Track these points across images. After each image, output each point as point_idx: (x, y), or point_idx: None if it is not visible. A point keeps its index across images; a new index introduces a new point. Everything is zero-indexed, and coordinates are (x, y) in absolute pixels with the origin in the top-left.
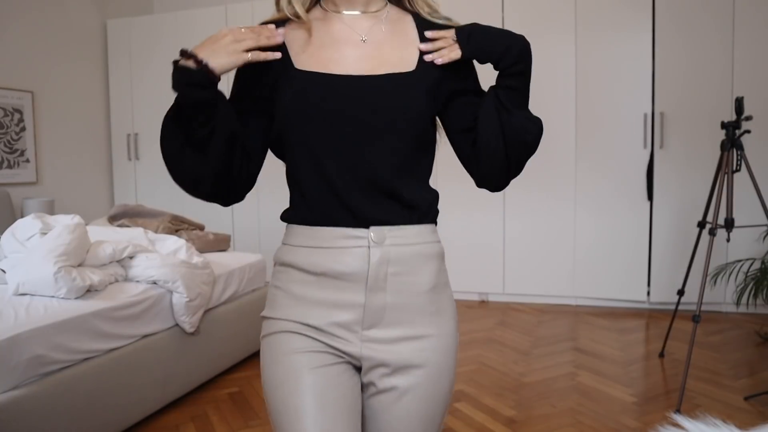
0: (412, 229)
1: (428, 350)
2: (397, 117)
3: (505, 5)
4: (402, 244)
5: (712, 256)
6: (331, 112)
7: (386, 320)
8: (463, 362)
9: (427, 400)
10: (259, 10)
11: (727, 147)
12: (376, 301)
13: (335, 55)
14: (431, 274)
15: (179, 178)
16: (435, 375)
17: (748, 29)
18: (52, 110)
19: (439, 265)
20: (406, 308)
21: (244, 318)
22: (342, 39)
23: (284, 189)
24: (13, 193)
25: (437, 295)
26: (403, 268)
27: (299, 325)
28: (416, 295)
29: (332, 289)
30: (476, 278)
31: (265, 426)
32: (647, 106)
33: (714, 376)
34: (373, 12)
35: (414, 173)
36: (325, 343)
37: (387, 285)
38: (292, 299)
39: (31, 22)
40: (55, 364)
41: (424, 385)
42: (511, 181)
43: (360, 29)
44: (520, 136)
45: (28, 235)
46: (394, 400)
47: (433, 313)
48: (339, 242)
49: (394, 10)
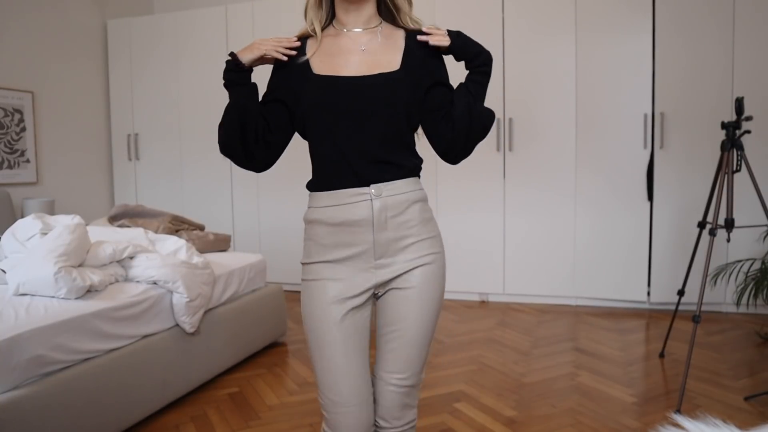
0: (401, 183)
1: (422, 265)
2: (387, 104)
3: (505, 5)
4: (394, 194)
5: (712, 257)
6: (340, 104)
7: (390, 251)
8: (463, 362)
9: (424, 302)
10: (259, 10)
11: (727, 147)
12: (382, 238)
13: (342, 62)
14: (418, 212)
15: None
16: (427, 278)
17: (748, 29)
18: (53, 110)
19: (423, 205)
20: (403, 240)
21: (245, 318)
22: (347, 49)
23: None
24: (14, 193)
25: (424, 227)
26: (397, 211)
27: (329, 270)
28: (409, 229)
29: (348, 234)
30: (476, 278)
31: (265, 426)
32: (647, 107)
33: (714, 377)
34: (370, 28)
35: (401, 144)
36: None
37: (387, 224)
38: (320, 246)
39: (31, 22)
40: (55, 365)
41: (418, 285)
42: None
43: (360, 41)
44: (481, 120)
45: (29, 236)
46: (399, 299)
47: (423, 239)
48: (350, 199)
49: (387, 26)
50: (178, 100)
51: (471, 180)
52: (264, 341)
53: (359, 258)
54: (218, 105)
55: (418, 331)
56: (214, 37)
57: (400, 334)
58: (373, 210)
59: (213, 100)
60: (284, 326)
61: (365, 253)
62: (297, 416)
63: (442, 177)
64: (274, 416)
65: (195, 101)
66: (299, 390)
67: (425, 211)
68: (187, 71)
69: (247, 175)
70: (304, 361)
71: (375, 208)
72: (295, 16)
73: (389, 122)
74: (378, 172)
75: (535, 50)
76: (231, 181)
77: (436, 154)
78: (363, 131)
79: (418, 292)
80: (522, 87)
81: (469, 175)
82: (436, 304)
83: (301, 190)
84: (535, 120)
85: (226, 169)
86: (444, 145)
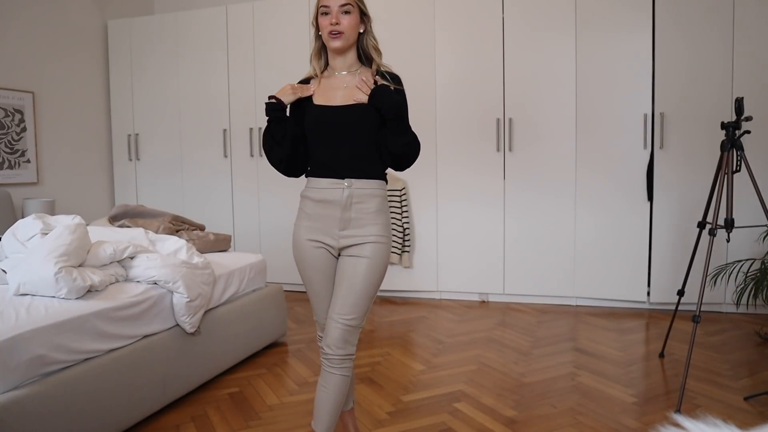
0: (367, 182)
1: (369, 246)
2: (356, 125)
3: (505, 5)
4: (360, 188)
5: (712, 257)
6: (327, 124)
7: (351, 226)
8: (463, 362)
9: (367, 271)
10: (259, 10)
11: (727, 147)
12: (345, 216)
13: (331, 95)
14: (375, 204)
15: (273, 161)
16: (372, 259)
17: (748, 29)
18: (53, 111)
19: (380, 200)
20: (360, 220)
21: (245, 318)
22: (335, 87)
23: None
24: (14, 193)
25: (378, 216)
26: (360, 200)
27: (306, 226)
28: (366, 214)
29: (324, 208)
30: (476, 278)
31: (265, 426)
32: (647, 107)
33: (714, 377)
34: (352, 71)
35: (367, 153)
36: (320, 242)
37: (351, 207)
38: (305, 215)
39: (31, 22)
40: (55, 365)
41: (366, 263)
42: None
43: (344, 81)
44: (399, 150)
45: (29, 236)
46: (353, 262)
47: (375, 224)
48: (329, 185)
49: (365, 70)
50: (178, 100)
51: (471, 180)
52: (264, 341)
53: (328, 225)
54: (218, 105)
55: (365, 284)
56: (214, 37)
57: (350, 284)
58: (343, 195)
59: (213, 100)
60: (284, 326)
61: (333, 223)
62: (297, 416)
63: (442, 177)
64: (275, 416)
65: (195, 101)
66: (299, 390)
67: (382, 204)
68: (187, 71)
69: (247, 176)
70: (305, 361)
71: (344, 195)
72: (295, 16)
73: (357, 138)
74: (351, 171)
75: (535, 50)
76: (231, 181)
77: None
78: (340, 142)
79: (368, 261)
80: (522, 87)
81: (469, 175)
82: (380, 272)
83: (301, 191)
84: (535, 120)
85: (226, 170)
86: (388, 161)
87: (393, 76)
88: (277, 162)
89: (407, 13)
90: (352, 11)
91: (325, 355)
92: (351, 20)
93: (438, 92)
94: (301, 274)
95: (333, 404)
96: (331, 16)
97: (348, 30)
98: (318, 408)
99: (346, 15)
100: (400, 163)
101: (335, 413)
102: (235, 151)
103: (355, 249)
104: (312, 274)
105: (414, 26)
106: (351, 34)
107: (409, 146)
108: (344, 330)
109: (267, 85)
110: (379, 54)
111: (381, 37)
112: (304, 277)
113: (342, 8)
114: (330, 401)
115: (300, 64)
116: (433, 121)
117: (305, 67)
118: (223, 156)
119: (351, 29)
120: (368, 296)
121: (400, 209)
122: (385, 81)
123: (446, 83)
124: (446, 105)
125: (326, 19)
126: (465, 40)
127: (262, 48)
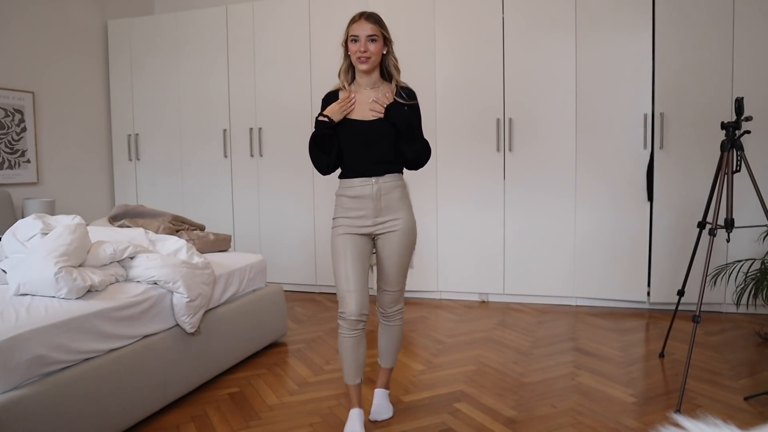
0: (389, 176)
1: (401, 221)
2: (378, 137)
3: (505, 5)
4: (385, 182)
5: (712, 257)
6: (356, 136)
7: (383, 213)
8: (463, 362)
9: (402, 241)
10: (259, 10)
11: (727, 147)
12: (377, 206)
13: (359, 110)
14: (398, 193)
15: (320, 167)
16: (405, 231)
17: (748, 29)
18: (53, 111)
19: (402, 190)
20: (389, 207)
21: (245, 318)
22: (363, 102)
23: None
24: (14, 193)
25: (402, 201)
26: (386, 191)
27: (346, 221)
28: (393, 201)
29: (359, 202)
30: (476, 278)
31: (265, 426)
32: (647, 107)
33: (714, 377)
34: (376, 88)
35: (389, 157)
36: (358, 228)
37: (381, 199)
38: (343, 208)
39: (31, 22)
40: (55, 365)
41: (400, 234)
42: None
43: (369, 96)
44: (411, 156)
45: (29, 236)
46: (388, 239)
47: (401, 208)
48: (361, 183)
49: (386, 86)
50: (178, 100)
51: (471, 180)
52: (264, 341)
53: (365, 216)
54: (218, 105)
55: (399, 260)
56: (214, 37)
57: (390, 263)
58: (373, 190)
59: (213, 100)
60: (284, 326)
61: (369, 213)
62: (297, 416)
63: (442, 177)
64: (275, 416)
65: (195, 101)
66: (299, 390)
67: (403, 193)
68: (187, 71)
69: (247, 176)
70: (304, 361)
71: (374, 189)
72: (295, 16)
73: (380, 146)
74: (376, 171)
75: (535, 50)
76: (231, 181)
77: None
78: (367, 150)
79: (399, 235)
80: (522, 87)
81: (469, 176)
82: (410, 245)
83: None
84: (535, 120)
85: (226, 170)
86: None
87: (408, 91)
88: (325, 168)
89: (407, 13)
90: (378, 39)
91: (381, 315)
92: (376, 47)
93: (438, 92)
94: (335, 256)
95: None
96: (360, 44)
97: (374, 55)
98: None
99: (372, 42)
100: (413, 165)
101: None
102: (235, 151)
103: (389, 225)
104: (348, 254)
105: (414, 26)
106: (376, 58)
107: (420, 152)
108: (391, 296)
109: (267, 85)
110: (398, 72)
111: None
112: (340, 258)
113: (369, 37)
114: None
115: (300, 64)
116: (433, 121)
117: (305, 68)
118: (223, 156)
119: (376, 54)
120: (404, 268)
121: None
122: (401, 96)
123: (446, 83)
124: (446, 105)
125: (355, 46)
126: (465, 39)
127: (262, 48)
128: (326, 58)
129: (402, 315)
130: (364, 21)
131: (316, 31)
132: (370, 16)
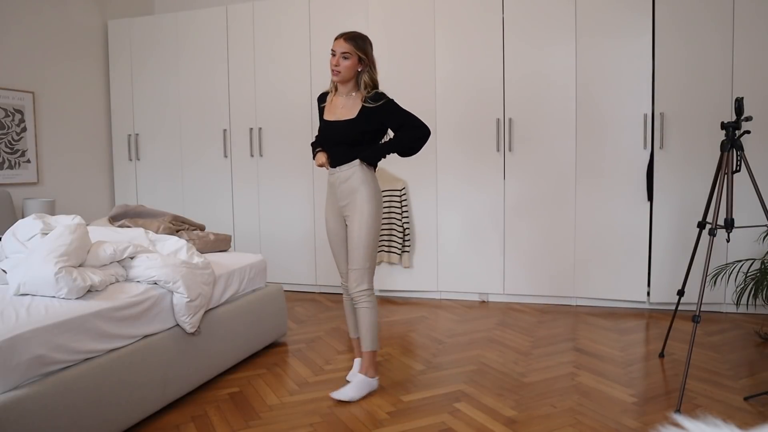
0: (345, 166)
1: (357, 204)
2: (347, 135)
3: (505, 6)
4: (342, 171)
5: (712, 257)
6: (328, 132)
7: (343, 197)
8: (463, 362)
9: (359, 221)
10: (259, 10)
11: (727, 147)
12: (340, 191)
13: (335, 112)
14: (355, 179)
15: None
16: (360, 212)
17: (748, 29)
18: (53, 111)
19: (358, 176)
20: (345, 192)
21: (245, 318)
22: (338, 106)
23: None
24: (14, 193)
25: (361, 186)
26: (343, 180)
27: (326, 203)
28: (349, 187)
29: (331, 188)
30: (476, 278)
31: (265, 426)
32: (647, 107)
33: (714, 377)
34: (351, 95)
35: (351, 152)
36: (333, 212)
37: (340, 186)
38: (327, 193)
39: (32, 22)
40: (55, 365)
41: (357, 215)
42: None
43: (344, 102)
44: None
45: (29, 236)
46: (348, 220)
47: (356, 191)
48: (330, 172)
49: (358, 93)
50: (178, 100)
51: (471, 180)
52: (264, 341)
53: (335, 199)
54: (218, 105)
55: (356, 239)
56: (214, 37)
57: (349, 241)
58: (336, 179)
59: (213, 100)
60: (284, 326)
61: (336, 197)
62: (297, 416)
63: (441, 177)
64: (275, 416)
65: (195, 101)
66: (299, 390)
67: (359, 178)
68: (187, 71)
69: (247, 176)
70: (305, 361)
71: (336, 178)
72: (295, 16)
73: (345, 142)
74: (339, 162)
75: (535, 50)
76: (231, 181)
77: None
78: (336, 145)
79: (355, 215)
80: (522, 87)
81: (469, 175)
82: (364, 226)
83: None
84: (535, 120)
85: (226, 169)
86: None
87: (374, 96)
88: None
89: (407, 14)
90: (350, 57)
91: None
92: (348, 63)
93: (438, 92)
94: (328, 239)
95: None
96: (335, 59)
97: (344, 71)
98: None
99: (345, 59)
100: (411, 152)
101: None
102: (235, 151)
103: (347, 209)
104: (331, 236)
105: (414, 26)
106: (347, 73)
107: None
108: (355, 274)
109: (267, 85)
110: (371, 88)
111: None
112: (329, 241)
113: (342, 54)
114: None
115: (300, 65)
116: (433, 121)
117: (305, 68)
118: (223, 156)
119: (346, 70)
120: (364, 245)
121: (400, 209)
122: (368, 102)
123: (446, 83)
124: (446, 105)
125: (332, 59)
126: (465, 39)
127: (262, 48)
128: (326, 58)
129: (368, 299)
130: (342, 40)
131: (316, 31)
132: (351, 37)
